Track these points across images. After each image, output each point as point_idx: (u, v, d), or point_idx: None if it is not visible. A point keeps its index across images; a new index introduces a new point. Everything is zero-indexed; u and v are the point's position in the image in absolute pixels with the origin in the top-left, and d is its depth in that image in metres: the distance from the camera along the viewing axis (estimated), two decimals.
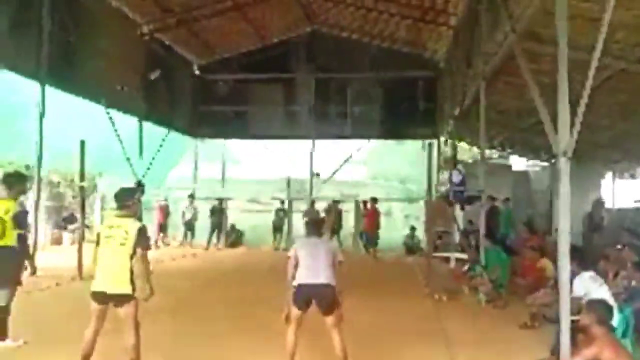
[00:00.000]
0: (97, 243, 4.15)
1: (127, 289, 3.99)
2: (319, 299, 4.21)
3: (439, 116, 15.54)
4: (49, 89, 9.57)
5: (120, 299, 4.00)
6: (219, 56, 16.59)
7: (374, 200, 12.41)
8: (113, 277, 4.01)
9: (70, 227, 13.79)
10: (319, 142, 16.65)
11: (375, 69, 16.20)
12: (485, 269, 7.90)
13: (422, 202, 16.23)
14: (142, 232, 4.09)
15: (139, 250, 4.02)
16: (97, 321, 4.07)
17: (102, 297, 4.03)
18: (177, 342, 5.33)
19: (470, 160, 16.87)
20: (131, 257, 4.00)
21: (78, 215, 9.64)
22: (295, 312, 4.24)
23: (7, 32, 8.77)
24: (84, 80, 10.82)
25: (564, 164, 4.68)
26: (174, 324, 6.01)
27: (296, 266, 4.32)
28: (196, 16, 13.80)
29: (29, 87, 9.31)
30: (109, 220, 4.37)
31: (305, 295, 4.21)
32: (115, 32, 12.22)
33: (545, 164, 16.02)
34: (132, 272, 4.00)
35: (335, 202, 12.49)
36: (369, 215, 12.63)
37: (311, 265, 4.26)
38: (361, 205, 14.02)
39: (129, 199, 4.31)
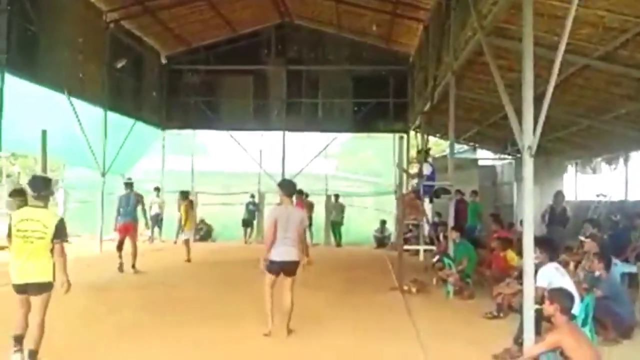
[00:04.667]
0: (9, 235, 4.08)
1: (48, 277, 4.07)
2: (287, 271, 5.35)
3: (410, 110, 15.71)
4: (10, 78, 9.20)
5: (40, 287, 4.06)
6: (187, 46, 16.26)
7: (300, 192, 11.97)
8: (34, 269, 4.03)
9: None
10: (290, 135, 16.58)
11: (347, 63, 16.24)
12: (454, 261, 8.06)
13: (392, 196, 16.46)
14: (60, 225, 4.10)
15: (57, 244, 4.06)
16: (23, 306, 4.13)
17: (23, 287, 4.09)
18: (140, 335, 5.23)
19: (438, 155, 17.17)
20: (50, 250, 4.05)
21: None
22: (270, 277, 5.33)
23: None
24: (45, 69, 10.44)
25: (528, 159, 4.80)
26: (138, 318, 5.89)
27: (274, 233, 5.25)
28: (162, 4, 13.45)
29: None
30: (24, 212, 4.17)
31: (279, 268, 5.33)
32: (79, 20, 11.81)
33: (511, 158, 16.42)
34: (52, 264, 4.08)
35: (305, 195, 12.32)
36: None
37: (285, 241, 5.26)
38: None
39: (45, 189, 4.23)
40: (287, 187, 5.64)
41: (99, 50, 12.64)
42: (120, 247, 9.25)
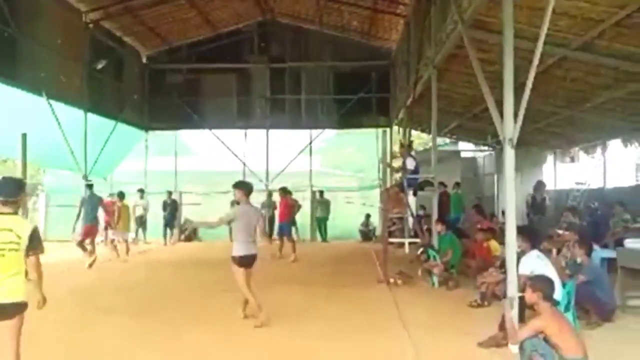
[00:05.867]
0: None
1: (23, 296, 3.47)
2: (249, 264, 5.80)
3: (393, 105, 15.81)
4: None
5: (15, 308, 3.44)
6: (168, 45, 16.11)
7: (284, 190, 12.11)
8: (7, 287, 3.41)
9: None
10: (274, 133, 16.56)
11: (330, 59, 16.27)
12: (438, 252, 8.18)
13: (376, 191, 16.57)
14: (35, 234, 3.53)
15: (31, 257, 3.49)
16: None
17: None
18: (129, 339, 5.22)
19: (421, 148, 17.33)
20: (24, 262, 3.49)
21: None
22: (239, 270, 5.76)
23: None
24: (23, 71, 10.27)
25: (509, 150, 4.90)
26: (127, 322, 5.87)
27: (228, 223, 6.01)
28: (142, 4, 13.29)
29: None
30: None
31: (244, 263, 5.77)
32: (58, 21, 11.64)
33: (491, 150, 16.66)
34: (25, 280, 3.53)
35: (288, 192, 12.30)
36: (282, 205, 12.18)
37: (247, 238, 5.75)
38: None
39: (16, 193, 3.60)
40: (245, 187, 6.00)
41: (79, 52, 12.46)
42: (82, 245, 10.00)
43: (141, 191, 14.93)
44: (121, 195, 11.87)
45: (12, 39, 10.00)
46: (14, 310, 3.44)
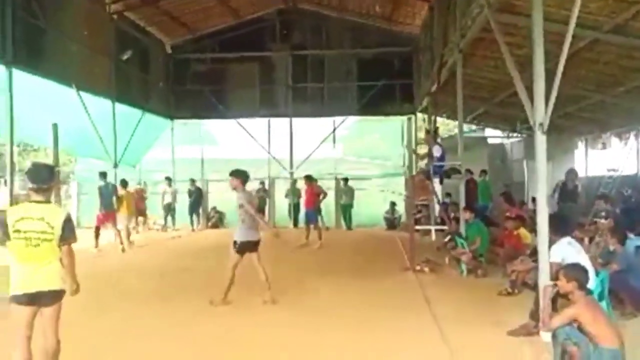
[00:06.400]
0: (8, 237, 3.35)
1: (60, 284, 3.49)
2: (254, 249, 6.03)
3: (417, 92, 15.60)
4: (18, 73, 9.29)
5: (53, 296, 3.45)
6: (191, 35, 16.19)
7: (310, 178, 12.15)
8: (45, 276, 3.41)
9: None
10: (297, 121, 16.56)
11: (352, 46, 16.11)
12: (466, 240, 8.10)
13: (401, 178, 16.46)
14: (68, 222, 3.47)
15: (65, 246, 3.48)
16: (26, 326, 3.40)
17: (32, 297, 3.38)
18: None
19: (446, 135, 17.10)
20: (58, 251, 3.47)
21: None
22: (237, 256, 5.98)
23: None
24: (52, 63, 10.49)
25: (540, 136, 4.79)
26: (154, 304, 6.02)
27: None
28: None
29: None
30: (23, 209, 3.45)
31: (246, 248, 6.01)
32: (84, 13, 11.82)
33: (519, 136, 16.32)
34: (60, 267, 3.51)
35: (314, 180, 12.41)
36: (307, 193, 12.26)
37: (253, 224, 6.04)
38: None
39: (48, 180, 3.48)
40: (243, 175, 6.26)
41: (105, 43, 12.66)
42: (97, 233, 10.59)
43: (168, 179, 15.22)
44: (124, 183, 12.08)
45: (42, 32, 10.22)
46: (52, 297, 3.46)
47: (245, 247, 5.99)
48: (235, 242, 5.99)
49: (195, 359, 4.44)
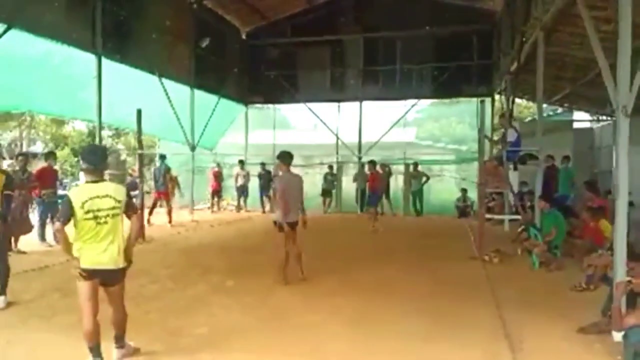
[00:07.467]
0: (74, 218, 3.50)
1: (122, 262, 3.66)
2: (292, 227, 6.30)
3: (495, 72, 14.79)
4: (106, 61, 10.03)
5: (118, 275, 3.66)
6: (265, 21, 16.52)
7: (373, 163, 12.14)
8: (113, 254, 3.58)
9: (132, 193, 14.61)
10: (368, 104, 16.40)
11: (426, 25, 15.53)
12: (540, 231, 7.63)
13: (476, 164, 15.76)
14: (129, 196, 3.72)
15: (133, 217, 3.76)
16: (92, 297, 3.57)
17: (96, 274, 3.55)
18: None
19: (529, 118, 16.07)
20: (122, 228, 3.67)
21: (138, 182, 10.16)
22: (280, 235, 6.30)
23: (64, 9, 9.22)
24: (137, 52, 11.20)
25: (623, 119, 4.37)
26: (224, 281, 6.33)
27: (281, 197, 6.18)
28: None
29: (86, 60, 9.77)
30: (89, 189, 3.56)
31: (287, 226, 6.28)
32: (166, 3, 12.45)
33: (609, 120, 14.93)
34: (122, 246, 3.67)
35: (384, 165, 12.38)
36: (370, 179, 12.38)
37: (290, 204, 6.21)
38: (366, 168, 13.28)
39: (104, 161, 3.71)
40: (286, 158, 6.36)
41: (185, 31, 13.28)
42: (153, 209, 11.78)
43: (241, 162, 15.80)
44: (167, 168, 12.40)
45: (128, 22, 10.94)
46: (118, 276, 3.66)
47: (282, 228, 6.26)
48: (274, 222, 6.35)
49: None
